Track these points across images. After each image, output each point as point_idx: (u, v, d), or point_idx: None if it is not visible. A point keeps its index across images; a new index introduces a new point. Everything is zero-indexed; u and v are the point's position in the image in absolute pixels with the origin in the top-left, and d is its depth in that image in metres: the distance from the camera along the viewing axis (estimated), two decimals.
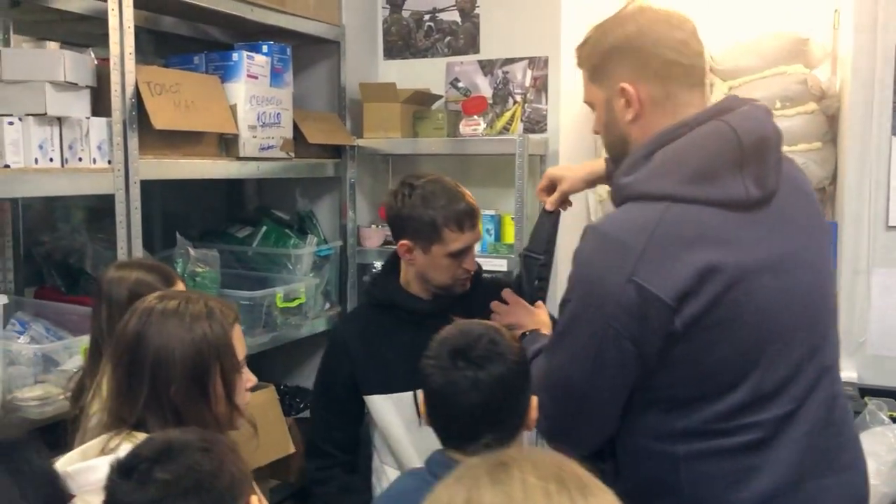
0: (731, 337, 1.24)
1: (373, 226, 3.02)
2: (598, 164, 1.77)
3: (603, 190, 3.28)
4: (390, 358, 1.84)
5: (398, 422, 1.85)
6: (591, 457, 1.61)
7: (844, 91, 2.87)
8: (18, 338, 1.88)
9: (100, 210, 2.48)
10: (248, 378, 1.38)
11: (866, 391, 2.47)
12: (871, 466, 2.06)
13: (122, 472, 0.96)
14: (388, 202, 1.86)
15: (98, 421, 1.52)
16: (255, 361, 2.54)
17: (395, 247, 2.93)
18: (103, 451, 1.23)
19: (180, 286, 1.67)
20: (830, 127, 3.00)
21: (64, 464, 1.21)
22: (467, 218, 1.77)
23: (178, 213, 2.83)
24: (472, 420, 1.33)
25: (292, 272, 2.69)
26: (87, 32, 2.59)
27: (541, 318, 1.71)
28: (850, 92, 2.67)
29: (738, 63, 2.99)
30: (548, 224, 1.79)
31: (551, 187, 1.78)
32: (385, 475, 1.90)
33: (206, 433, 1.01)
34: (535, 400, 1.41)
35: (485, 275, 2.07)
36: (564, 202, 1.79)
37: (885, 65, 2.57)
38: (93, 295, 1.70)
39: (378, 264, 2.89)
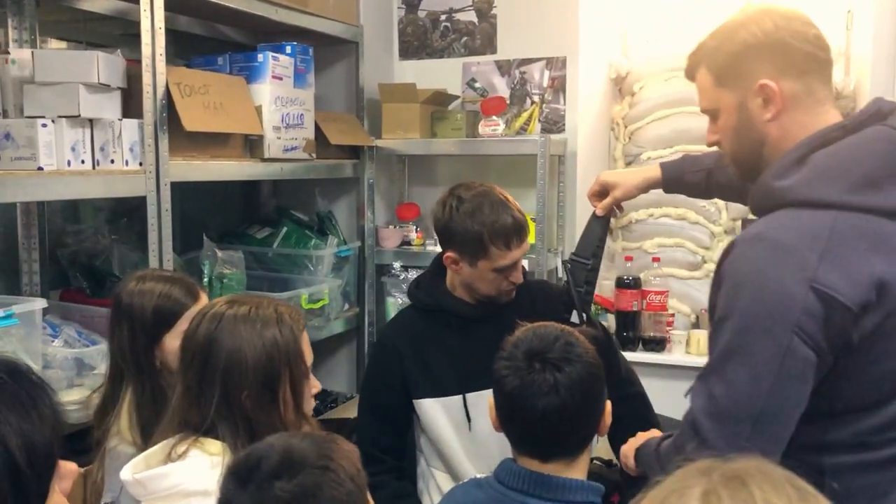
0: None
1: (391, 226, 3.02)
2: (653, 170, 1.75)
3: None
4: (438, 361, 1.83)
5: (447, 425, 1.84)
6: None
7: (859, 92, 2.88)
8: (53, 341, 1.86)
9: (122, 211, 2.46)
10: (314, 384, 1.37)
11: None
12: None
13: (239, 479, 0.93)
14: (436, 212, 1.83)
15: (117, 449, 1.52)
16: None
17: (412, 247, 2.98)
18: (169, 457, 1.22)
19: (204, 299, 1.63)
20: None
21: (130, 471, 1.21)
22: (515, 234, 1.74)
23: (195, 213, 2.82)
24: (549, 424, 1.29)
25: (313, 273, 2.69)
26: (107, 33, 2.58)
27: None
28: (869, 95, 2.68)
29: None
30: (598, 229, 1.77)
31: (603, 192, 1.76)
32: (433, 479, 1.88)
33: (323, 441, 0.98)
34: (608, 405, 1.38)
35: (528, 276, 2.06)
36: (616, 208, 1.77)
37: None
38: (112, 311, 1.63)
39: (397, 265, 2.90)
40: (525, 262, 2.77)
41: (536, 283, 2.14)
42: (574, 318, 1.78)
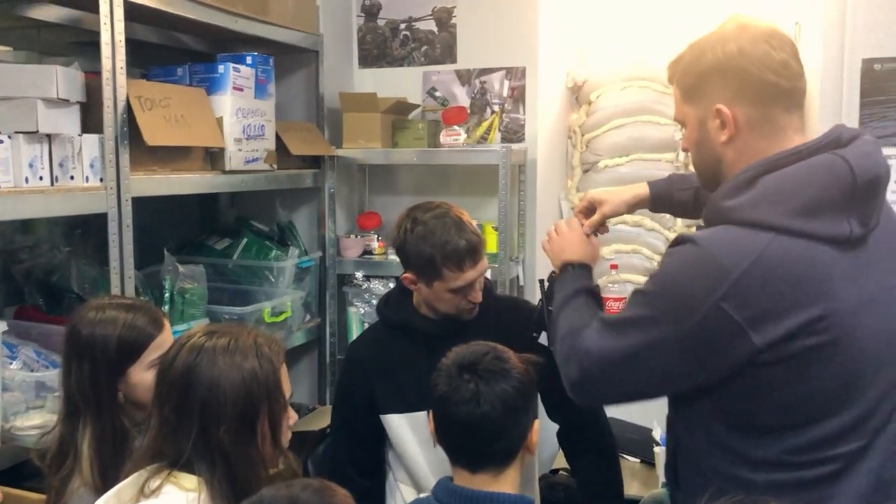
0: (821, 373, 1.23)
1: (352, 236, 3.01)
2: (642, 188, 1.77)
3: (575, 198, 3.34)
4: (405, 378, 1.84)
5: (413, 440, 1.85)
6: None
7: (811, 101, 2.97)
8: (11, 363, 1.80)
9: (77, 223, 2.40)
10: (291, 416, 1.36)
11: None
12: None
13: None
14: (393, 234, 1.85)
15: (80, 491, 1.42)
16: None
17: (374, 257, 2.97)
18: (142, 493, 1.19)
19: (167, 328, 1.57)
20: None
21: None
22: (468, 256, 1.74)
23: (151, 224, 2.74)
24: (472, 433, 1.37)
25: (274, 284, 2.66)
26: (57, 41, 2.51)
27: (593, 252, 1.66)
28: (819, 103, 2.76)
29: None
30: None
31: (591, 209, 1.76)
32: (399, 492, 1.90)
33: (322, 491, 0.98)
34: (537, 424, 1.45)
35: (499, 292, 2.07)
36: (602, 226, 1.77)
37: (852, 77, 2.67)
38: (68, 344, 1.51)
39: (359, 275, 2.89)
40: (488, 273, 2.80)
41: (506, 302, 2.15)
42: (543, 339, 1.76)
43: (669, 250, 1.34)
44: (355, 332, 2.92)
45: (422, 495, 1.47)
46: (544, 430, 1.68)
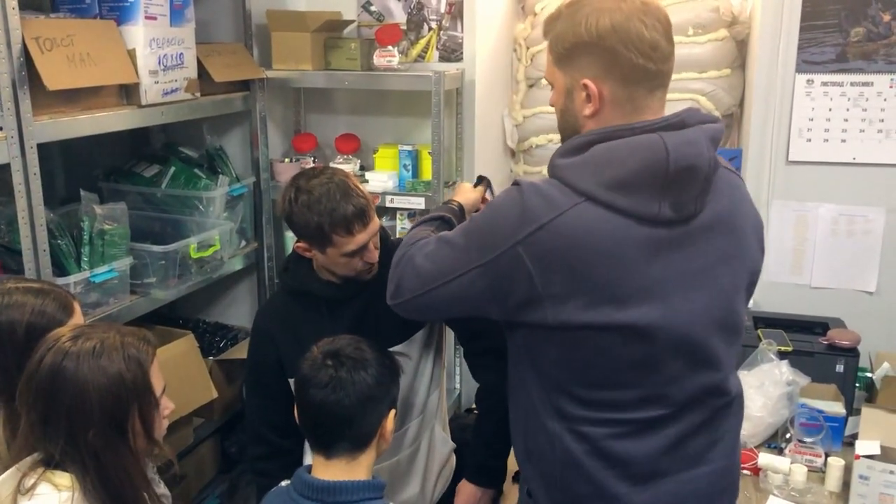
0: (601, 345, 1.31)
1: (286, 160, 2.96)
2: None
3: (519, 115, 3.28)
4: (310, 341, 1.86)
5: None
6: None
7: (755, 18, 2.89)
8: None
9: None
10: (166, 406, 1.38)
11: (760, 320, 2.64)
12: (759, 401, 2.25)
13: None
14: (279, 203, 1.83)
15: None
16: (173, 301, 2.53)
17: None
18: (18, 491, 1.21)
19: (78, 311, 1.55)
20: (740, 52, 3.05)
21: None
22: (356, 220, 1.73)
23: (78, 152, 2.69)
24: (325, 416, 1.45)
25: (204, 214, 2.63)
26: None
27: (470, 196, 1.82)
28: (759, 26, 2.70)
29: None
30: None
31: None
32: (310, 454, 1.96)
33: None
34: (392, 415, 1.52)
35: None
36: None
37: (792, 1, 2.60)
38: None
39: None
40: (421, 201, 2.78)
41: None
42: None
43: (503, 190, 1.41)
44: None
45: (283, 483, 1.52)
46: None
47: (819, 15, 2.59)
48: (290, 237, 2.92)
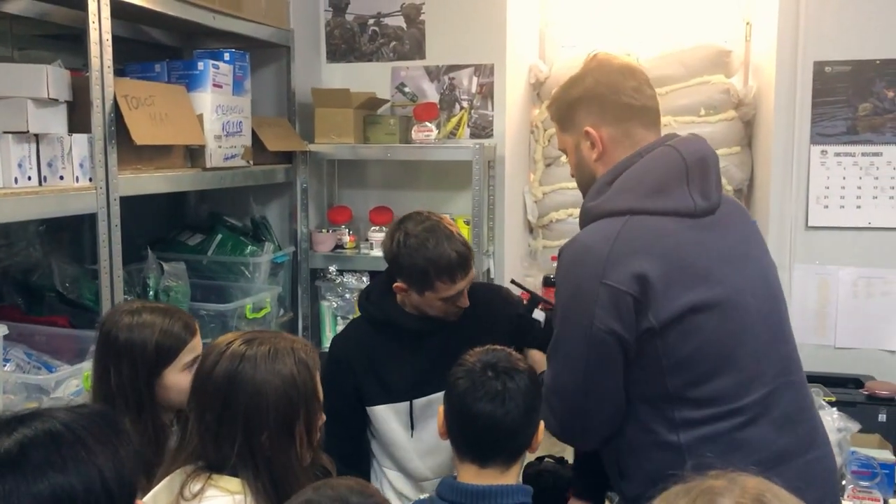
0: (704, 328, 1.41)
1: (323, 230, 3.02)
2: None
3: (539, 191, 3.42)
4: (389, 371, 1.91)
5: (398, 428, 1.95)
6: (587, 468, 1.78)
7: (761, 99, 3.11)
8: (5, 365, 1.78)
9: (51, 224, 2.36)
10: (321, 416, 1.39)
11: None
12: None
13: None
14: (385, 243, 1.91)
15: None
16: None
17: (345, 251, 3.00)
18: (182, 496, 1.21)
19: (198, 333, 1.63)
20: (746, 132, 3.25)
21: None
22: (459, 268, 1.82)
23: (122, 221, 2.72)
24: (489, 429, 1.43)
25: (251, 280, 2.66)
26: (22, 34, 2.45)
27: None
28: (774, 103, 2.90)
29: (664, 72, 3.17)
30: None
31: None
32: (386, 477, 2.00)
33: (366, 490, 1.04)
34: (542, 426, 1.53)
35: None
36: None
37: (804, 78, 2.82)
38: (103, 346, 1.57)
39: (332, 269, 2.91)
40: None
41: (481, 288, 2.21)
42: (537, 314, 2.00)
43: (558, 262, 1.53)
44: (328, 326, 2.95)
45: (423, 496, 1.51)
46: None
47: (829, 92, 2.81)
48: (325, 307, 2.95)
